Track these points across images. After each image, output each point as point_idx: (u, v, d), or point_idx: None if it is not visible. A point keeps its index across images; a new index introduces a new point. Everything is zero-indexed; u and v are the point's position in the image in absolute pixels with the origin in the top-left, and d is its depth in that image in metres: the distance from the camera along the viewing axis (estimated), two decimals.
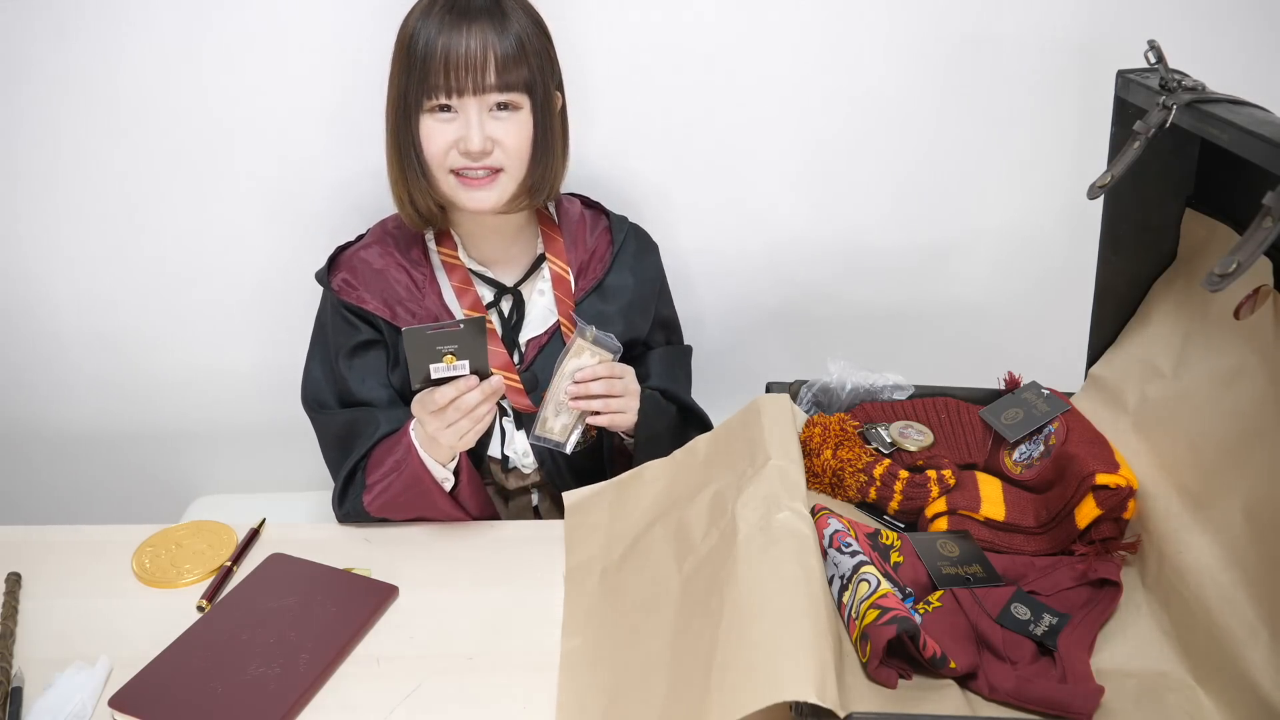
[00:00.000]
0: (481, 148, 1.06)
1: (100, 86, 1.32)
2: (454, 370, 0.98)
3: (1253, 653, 0.77)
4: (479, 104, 1.06)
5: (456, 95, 1.05)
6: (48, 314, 1.50)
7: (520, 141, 1.08)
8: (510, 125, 1.08)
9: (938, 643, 0.82)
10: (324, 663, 0.92)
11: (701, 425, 1.25)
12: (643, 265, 1.26)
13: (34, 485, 1.66)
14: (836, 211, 1.45)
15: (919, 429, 1.09)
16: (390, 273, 1.17)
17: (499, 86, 1.05)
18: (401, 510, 1.13)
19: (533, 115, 1.08)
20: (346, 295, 1.16)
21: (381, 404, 1.17)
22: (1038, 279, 1.51)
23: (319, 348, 1.21)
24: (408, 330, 0.96)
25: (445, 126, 1.07)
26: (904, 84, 1.36)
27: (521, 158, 1.10)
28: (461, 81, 1.04)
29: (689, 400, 1.28)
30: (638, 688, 0.84)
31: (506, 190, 1.11)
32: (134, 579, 1.05)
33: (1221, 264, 0.71)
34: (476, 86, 1.04)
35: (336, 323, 1.18)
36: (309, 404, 1.20)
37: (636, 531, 1.03)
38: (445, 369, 0.98)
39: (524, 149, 1.09)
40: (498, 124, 1.07)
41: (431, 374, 0.98)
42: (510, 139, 1.08)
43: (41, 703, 0.87)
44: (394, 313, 1.16)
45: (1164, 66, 0.89)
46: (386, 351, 1.18)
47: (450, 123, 1.07)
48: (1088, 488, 0.95)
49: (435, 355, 0.97)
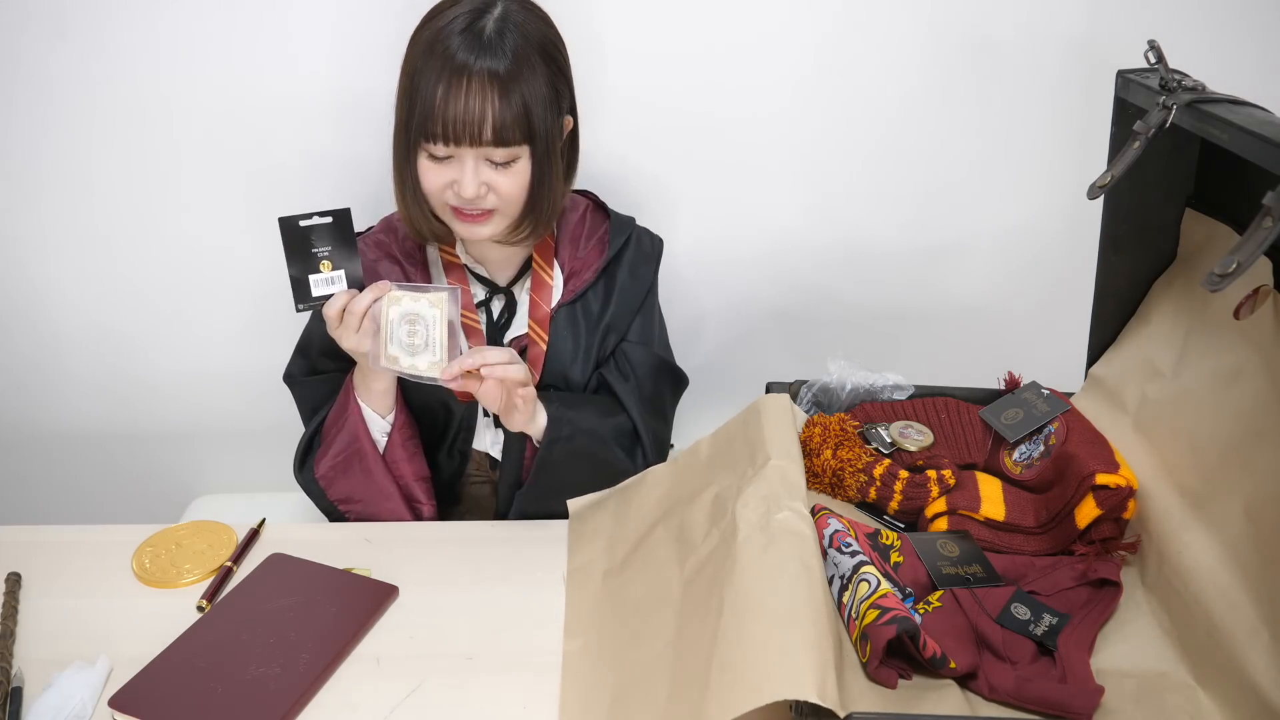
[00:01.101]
0: (475, 194, 1.05)
1: (98, 87, 1.32)
2: (333, 285, 1.05)
3: (1253, 653, 0.77)
4: (475, 154, 1.04)
5: (454, 144, 1.03)
6: (48, 314, 1.50)
7: (516, 189, 1.07)
8: (507, 174, 1.06)
9: (938, 643, 0.82)
10: (324, 663, 0.92)
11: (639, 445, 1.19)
12: (634, 280, 1.22)
13: (34, 485, 1.66)
14: (837, 212, 1.45)
15: (919, 429, 1.09)
16: (381, 265, 1.19)
17: (495, 143, 1.03)
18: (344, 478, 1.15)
19: (531, 161, 1.07)
20: None
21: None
22: (1038, 279, 1.51)
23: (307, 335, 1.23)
24: (282, 217, 1.01)
25: (442, 168, 1.06)
26: (905, 85, 1.36)
27: (517, 202, 1.09)
28: (459, 134, 1.02)
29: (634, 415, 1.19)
30: (640, 688, 0.84)
31: (500, 226, 1.11)
32: (134, 579, 1.05)
33: (1221, 264, 0.71)
34: (473, 140, 1.02)
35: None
36: (286, 376, 1.23)
37: (639, 534, 1.03)
38: (325, 281, 1.04)
39: (519, 195, 1.08)
40: (493, 172, 1.06)
41: (313, 290, 1.04)
42: (506, 187, 1.06)
43: (41, 703, 0.87)
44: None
45: (1164, 66, 0.89)
46: None
47: (446, 166, 1.06)
48: (1088, 488, 0.95)
49: (312, 261, 1.03)
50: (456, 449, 1.22)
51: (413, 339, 1.04)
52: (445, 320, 1.03)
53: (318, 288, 1.04)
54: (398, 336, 1.04)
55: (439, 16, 1.04)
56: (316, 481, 1.17)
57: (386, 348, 1.04)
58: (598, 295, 1.21)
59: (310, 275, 1.03)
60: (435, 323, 1.03)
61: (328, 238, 1.03)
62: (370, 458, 1.14)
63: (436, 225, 1.13)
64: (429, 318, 1.03)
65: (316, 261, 1.03)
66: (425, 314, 1.03)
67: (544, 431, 1.13)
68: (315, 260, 1.03)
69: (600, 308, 1.21)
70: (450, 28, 1.02)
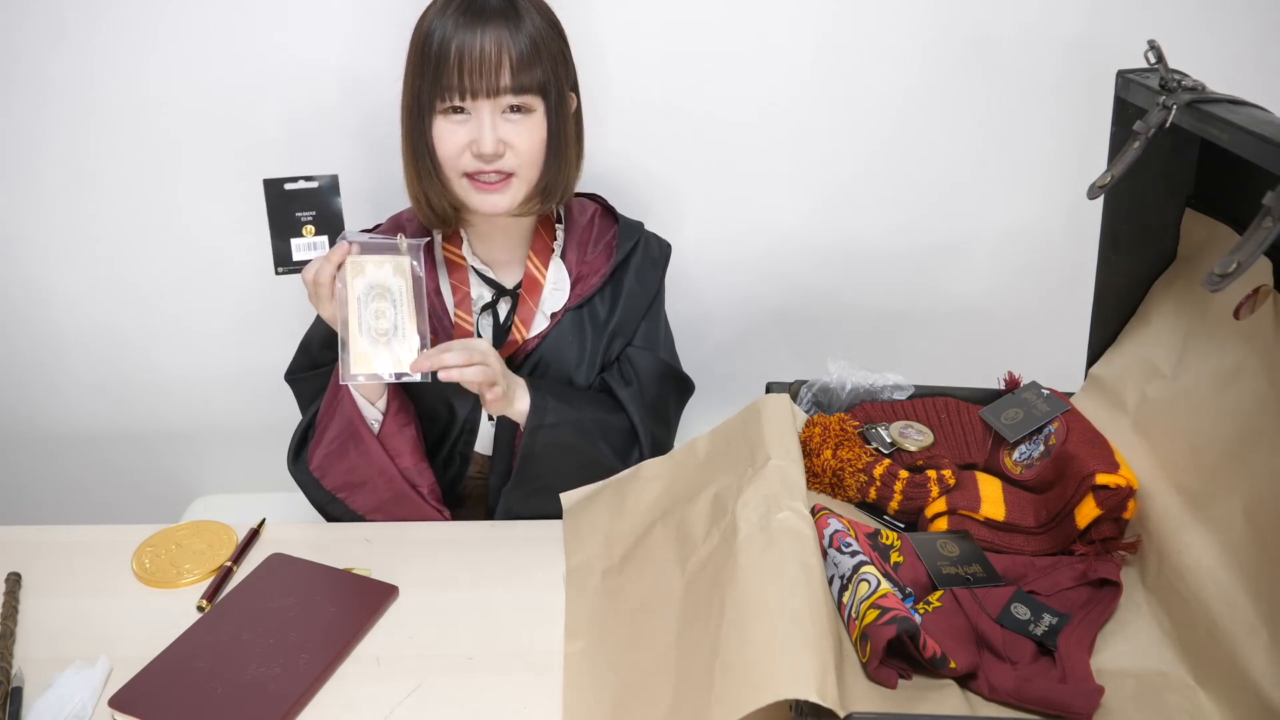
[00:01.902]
0: (494, 150, 1.06)
1: (98, 87, 1.32)
2: (314, 250, 1.03)
3: (1253, 653, 0.77)
4: (492, 106, 1.05)
5: (470, 97, 1.04)
6: (47, 314, 1.50)
7: (533, 144, 1.08)
8: (523, 128, 1.07)
9: (938, 643, 0.82)
10: (324, 663, 0.92)
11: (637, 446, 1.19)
12: (641, 285, 1.22)
13: (34, 485, 1.66)
14: (837, 212, 1.45)
15: (919, 429, 1.09)
16: None
17: (513, 88, 1.04)
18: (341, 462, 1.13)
19: (546, 118, 1.08)
20: None
21: None
22: (1038, 279, 1.51)
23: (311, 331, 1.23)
24: (266, 179, 1.00)
25: (458, 128, 1.07)
26: (906, 86, 1.36)
27: (534, 161, 1.09)
28: (475, 83, 1.03)
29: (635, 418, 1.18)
30: (643, 690, 0.84)
31: (519, 194, 1.11)
32: (134, 579, 1.05)
33: (1221, 264, 0.71)
34: (490, 88, 1.04)
35: None
36: (287, 374, 1.23)
37: (637, 533, 1.03)
38: (306, 246, 1.02)
39: (537, 152, 1.09)
40: (510, 126, 1.07)
41: (294, 254, 1.03)
42: (523, 142, 1.07)
43: (41, 703, 0.87)
44: None
45: (1164, 66, 0.89)
46: None
47: (463, 125, 1.06)
48: (1088, 488, 0.95)
49: (295, 224, 1.01)
50: (458, 451, 1.22)
51: (379, 321, 1.02)
52: (411, 294, 1.02)
53: (299, 252, 1.03)
54: (366, 321, 1.02)
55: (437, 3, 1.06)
56: (311, 473, 1.15)
57: (355, 342, 1.02)
58: (605, 300, 1.21)
59: (292, 239, 1.02)
60: (402, 296, 1.02)
61: (313, 202, 1.02)
62: (366, 439, 1.12)
63: (453, 196, 1.12)
64: (395, 290, 1.02)
65: (299, 225, 1.02)
66: (391, 285, 1.02)
67: (525, 418, 1.12)
68: (298, 224, 1.02)
69: (607, 313, 1.21)
70: (453, 5, 1.04)
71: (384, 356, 1.02)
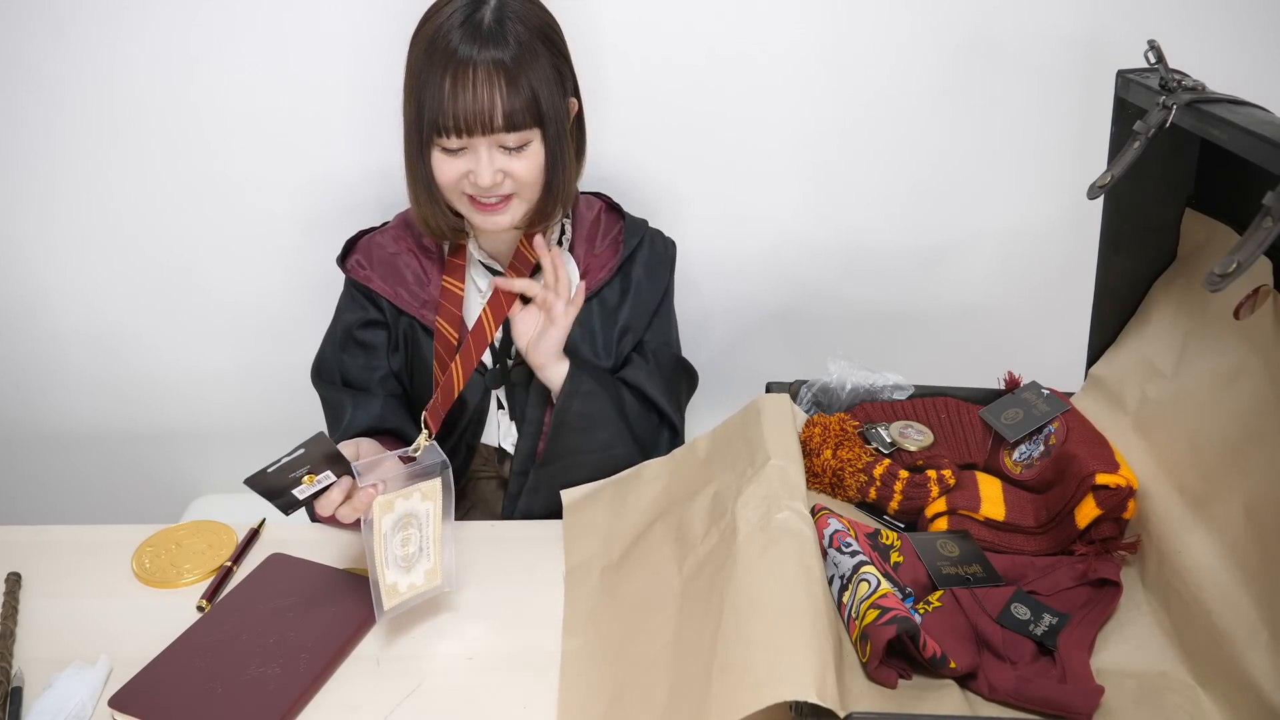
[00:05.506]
0: (492, 181, 1.06)
1: (98, 87, 1.32)
2: (319, 484, 0.93)
3: (1253, 653, 0.77)
4: (489, 142, 1.05)
5: (466, 135, 1.04)
6: (47, 315, 1.50)
7: (532, 171, 1.08)
8: (521, 157, 1.07)
9: (938, 643, 0.82)
10: (324, 663, 0.92)
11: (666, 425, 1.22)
12: (650, 281, 1.24)
13: (34, 485, 1.66)
14: (838, 212, 1.45)
15: (919, 429, 1.09)
16: (402, 257, 1.20)
17: (507, 129, 1.04)
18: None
19: (544, 144, 1.08)
20: (356, 274, 1.21)
21: (368, 386, 1.20)
22: (1038, 279, 1.51)
23: (333, 325, 1.24)
24: (248, 479, 0.88)
25: (456, 160, 1.07)
26: (906, 86, 1.36)
27: (534, 184, 1.10)
28: (470, 125, 1.03)
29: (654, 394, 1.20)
30: (639, 688, 0.84)
31: (519, 212, 1.12)
32: (134, 579, 1.05)
33: (1221, 264, 0.71)
34: (485, 128, 1.03)
35: (347, 300, 1.23)
36: (312, 373, 1.23)
37: (636, 531, 1.03)
38: (309, 488, 0.92)
39: (536, 177, 1.09)
40: (508, 158, 1.07)
41: (299, 498, 0.93)
42: (521, 170, 1.07)
43: (41, 703, 0.87)
44: (397, 294, 1.19)
45: (1164, 66, 0.89)
46: (389, 332, 1.21)
47: (461, 157, 1.07)
48: (1088, 488, 0.95)
49: (292, 483, 0.91)
50: (465, 442, 1.22)
51: (406, 548, 0.94)
52: (439, 514, 0.96)
53: (303, 494, 0.93)
54: (391, 551, 0.94)
55: (437, 14, 1.05)
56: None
57: (384, 577, 0.93)
58: (614, 291, 1.22)
59: (293, 490, 0.92)
60: (429, 518, 0.96)
61: (305, 461, 0.90)
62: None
63: (453, 219, 1.13)
64: (422, 514, 0.96)
65: (298, 482, 0.92)
66: (418, 511, 0.95)
67: (563, 381, 1.13)
68: (296, 482, 0.92)
69: (617, 302, 1.22)
70: (449, 23, 1.02)
71: (409, 580, 0.96)
